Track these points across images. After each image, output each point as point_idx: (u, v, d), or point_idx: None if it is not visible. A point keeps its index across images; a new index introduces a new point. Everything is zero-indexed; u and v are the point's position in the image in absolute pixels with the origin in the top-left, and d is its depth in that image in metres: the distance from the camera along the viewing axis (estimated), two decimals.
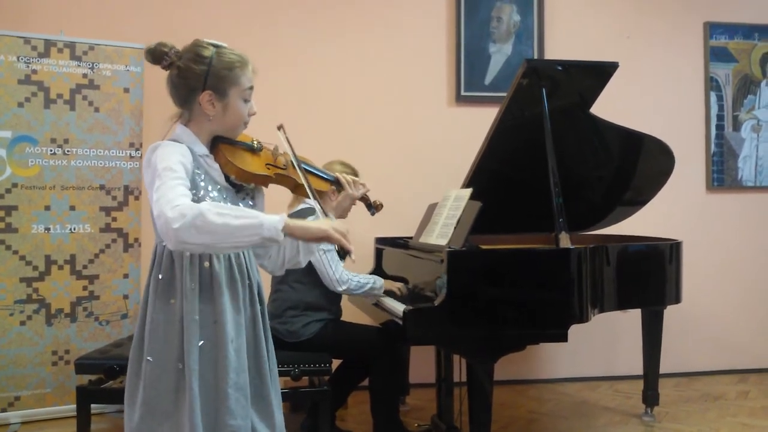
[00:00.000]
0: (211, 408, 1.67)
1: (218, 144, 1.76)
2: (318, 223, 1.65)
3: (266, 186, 1.88)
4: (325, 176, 1.99)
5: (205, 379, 1.67)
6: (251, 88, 1.78)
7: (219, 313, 1.69)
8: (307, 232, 1.62)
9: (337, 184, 2.02)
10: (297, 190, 1.90)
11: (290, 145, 1.86)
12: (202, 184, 1.70)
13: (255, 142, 1.83)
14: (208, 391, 1.67)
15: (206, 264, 1.70)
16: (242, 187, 1.81)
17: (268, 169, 1.82)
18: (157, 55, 1.73)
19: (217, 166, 1.75)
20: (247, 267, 1.78)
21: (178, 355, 1.66)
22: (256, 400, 1.75)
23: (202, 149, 1.75)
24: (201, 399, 1.66)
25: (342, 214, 2.01)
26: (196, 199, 1.63)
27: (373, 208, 2.11)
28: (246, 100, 1.77)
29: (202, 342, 1.67)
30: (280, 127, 1.88)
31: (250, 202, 1.83)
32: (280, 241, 1.57)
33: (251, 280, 1.79)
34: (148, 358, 1.68)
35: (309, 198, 1.87)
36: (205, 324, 1.68)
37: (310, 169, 1.93)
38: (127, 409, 1.72)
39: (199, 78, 1.71)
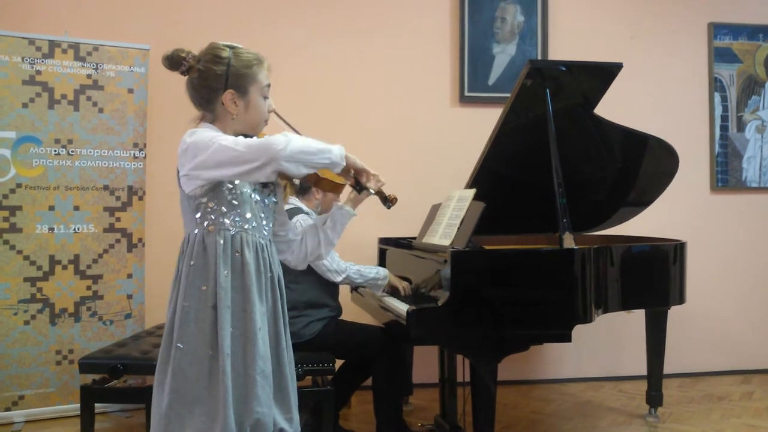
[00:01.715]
0: (241, 394, 1.71)
1: None
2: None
3: (291, 181, 1.93)
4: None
5: (235, 366, 1.70)
6: (269, 85, 1.85)
7: (248, 302, 1.74)
8: (355, 164, 1.82)
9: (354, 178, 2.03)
10: (318, 184, 1.93)
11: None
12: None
13: None
14: (238, 378, 1.71)
15: (237, 253, 1.75)
16: (267, 183, 1.86)
17: None
18: (175, 61, 1.77)
19: None
20: (269, 259, 1.83)
21: (209, 341, 1.70)
22: (276, 391, 1.79)
23: None
24: (234, 385, 1.70)
25: (354, 205, 2.05)
26: (238, 193, 1.76)
27: (388, 201, 2.09)
28: (265, 97, 1.84)
29: (232, 329, 1.71)
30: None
31: (274, 199, 1.89)
32: (341, 166, 1.75)
33: (273, 272, 1.84)
34: (178, 344, 1.71)
35: (331, 192, 1.94)
36: (236, 311, 1.73)
37: None
38: (156, 397, 1.74)
39: (219, 78, 1.76)
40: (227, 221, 1.73)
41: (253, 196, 1.79)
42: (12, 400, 3.53)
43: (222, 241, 1.73)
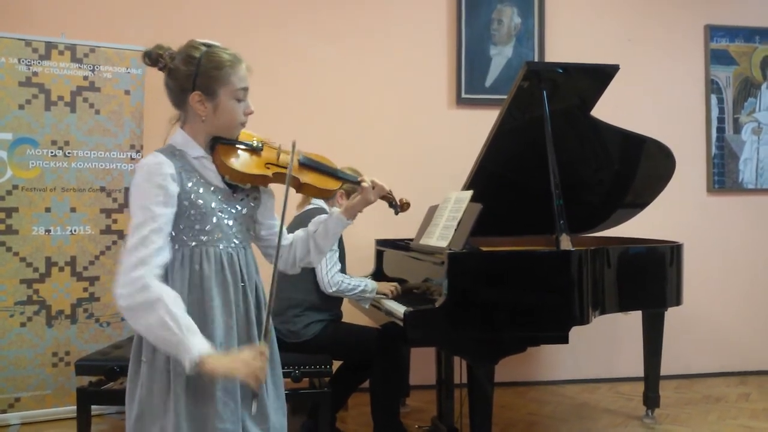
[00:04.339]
0: (200, 412, 1.66)
1: (216, 145, 1.75)
2: (229, 363, 1.58)
3: (265, 186, 1.84)
4: (339, 176, 1.90)
5: (193, 383, 1.65)
6: (245, 88, 1.75)
7: (207, 317, 1.68)
8: (215, 374, 1.58)
9: (351, 184, 1.93)
10: (302, 189, 1.86)
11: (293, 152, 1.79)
12: (194, 187, 1.68)
13: (256, 141, 1.80)
14: (196, 395, 1.66)
15: (197, 266, 1.69)
16: (238, 188, 1.78)
17: (268, 168, 1.77)
18: (153, 57, 1.74)
19: (213, 167, 1.74)
20: (241, 268, 1.76)
21: (168, 358, 1.65)
22: (249, 404, 1.73)
23: (198, 151, 1.74)
24: (189, 403, 1.65)
25: (353, 214, 1.93)
26: (198, 204, 1.67)
27: (397, 206, 2.02)
28: (239, 100, 1.74)
29: None
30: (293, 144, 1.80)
31: (252, 203, 1.81)
32: (186, 368, 1.55)
33: (245, 282, 1.77)
34: (143, 359, 1.69)
35: (317, 197, 1.84)
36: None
37: (317, 166, 1.87)
38: (127, 408, 1.73)
39: (188, 79, 1.71)
40: (184, 237, 1.68)
41: (216, 205, 1.71)
42: (8, 402, 3.52)
43: (180, 256, 1.68)
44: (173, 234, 1.67)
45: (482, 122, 3.59)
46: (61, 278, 3.63)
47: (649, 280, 3.31)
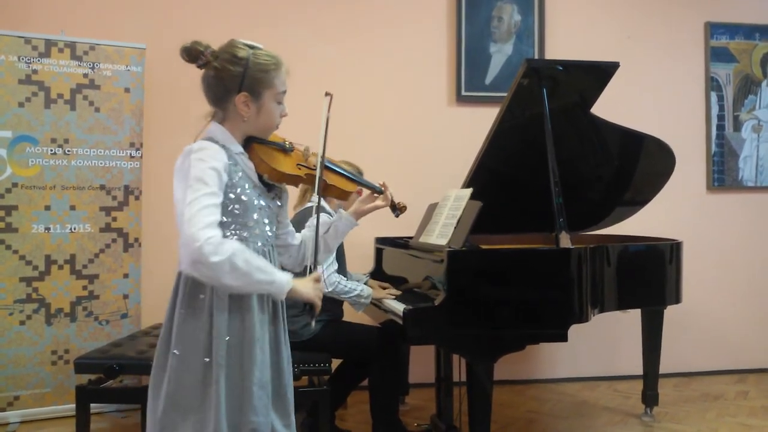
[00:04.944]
0: (236, 404, 1.69)
1: (252, 144, 1.79)
2: (305, 285, 1.73)
3: (297, 186, 1.92)
4: (360, 182, 2.02)
5: (231, 375, 1.69)
6: (285, 91, 1.81)
7: (246, 311, 1.72)
8: (301, 297, 1.73)
9: (366, 187, 2.05)
10: (327, 190, 1.92)
11: (327, 119, 1.87)
12: (240, 181, 1.71)
13: (287, 143, 1.86)
14: (233, 388, 1.69)
15: None
16: (273, 187, 1.84)
17: (299, 169, 1.84)
18: (192, 54, 1.73)
19: (251, 165, 1.77)
20: (272, 264, 1.80)
21: (204, 349, 1.67)
22: (275, 398, 1.78)
23: (238, 148, 1.76)
24: (228, 394, 1.68)
25: (359, 216, 2.03)
26: (242, 199, 1.70)
27: (397, 209, 2.14)
28: (279, 103, 1.80)
29: (228, 338, 1.69)
30: (327, 94, 1.88)
31: (278, 203, 1.86)
32: (280, 297, 1.71)
33: None
34: (174, 351, 1.69)
35: (338, 198, 1.92)
36: (234, 321, 1.70)
37: (338, 169, 1.97)
38: (151, 402, 1.73)
39: (235, 80, 1.72)
40: (227, 231, 1.69)
41: (257, 201, 1.75)
42: (7, 400, 3.52)
43: None
44: None
45: (482, 120, 3.59)
46: (60, 276, 3.63)
47: (649, 278, 3.31)
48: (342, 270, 3.16)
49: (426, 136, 4.34)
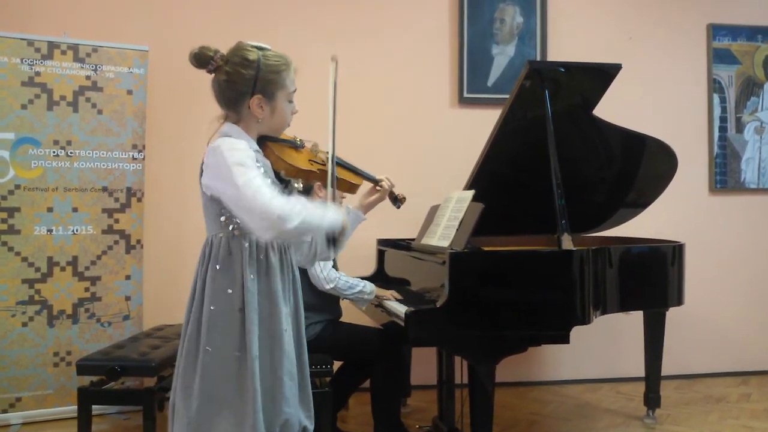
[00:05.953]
0: (269, 395, 1.72)
1: (266, 142, 1.83)
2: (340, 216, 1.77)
3: (309, 181, 1.95)
4: (362, 174, 2.07)
5: (263, 367, 1.71)
6: (295, 90, 1.85)
7: (274, 304, 1.75)
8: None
9: (369, 180, 2.10)
10: (336, 184, 1.94)
11: (335, 87, 1.91)
12: (265, 174, 1.74)
13: (297, 140, 1.92)
14: (265, 379, 1.72)
15: (262, 256, 1.76)
16: (288, 183, 1.87)
17: (312, 164, 1.89)
18: (202, 59, 1.75)
19: (268, 162, 1.80)
20: (291, 259, 1.85)
21: (237, 344, 1.70)
22: (299, 390, 1.82)
23: (255, 146, 1.80)
24: (264, 384, 1.71)
25: (366, 210, 2.08)
26: None
27: (398, 201, 2.18)
28: (290, 101, 1.84)
29: (259, 331, 1.72)
30: (333, 59, 1.92)
31: None
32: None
33: (293, 272, 1.86)
34: (207, 348, 1.71)
35: (346, 192, 1.97)
36: (263, 314, 1.74)
37: (345, 164, 2.01)
38: (183, 401, 1.73)
39: (248, 83, 1.75)
40: None
41: None
42: (9, 402, 3.52)
43: (247, 245, 1.73)
44: (240, 223, 1.72)
45: (484, 121, 3.59)
46: (62, 278, 3.63)
47: (651, 280, 3.31)
48: (334, 268, 3.15)
49: (428, 137, 4.34)
